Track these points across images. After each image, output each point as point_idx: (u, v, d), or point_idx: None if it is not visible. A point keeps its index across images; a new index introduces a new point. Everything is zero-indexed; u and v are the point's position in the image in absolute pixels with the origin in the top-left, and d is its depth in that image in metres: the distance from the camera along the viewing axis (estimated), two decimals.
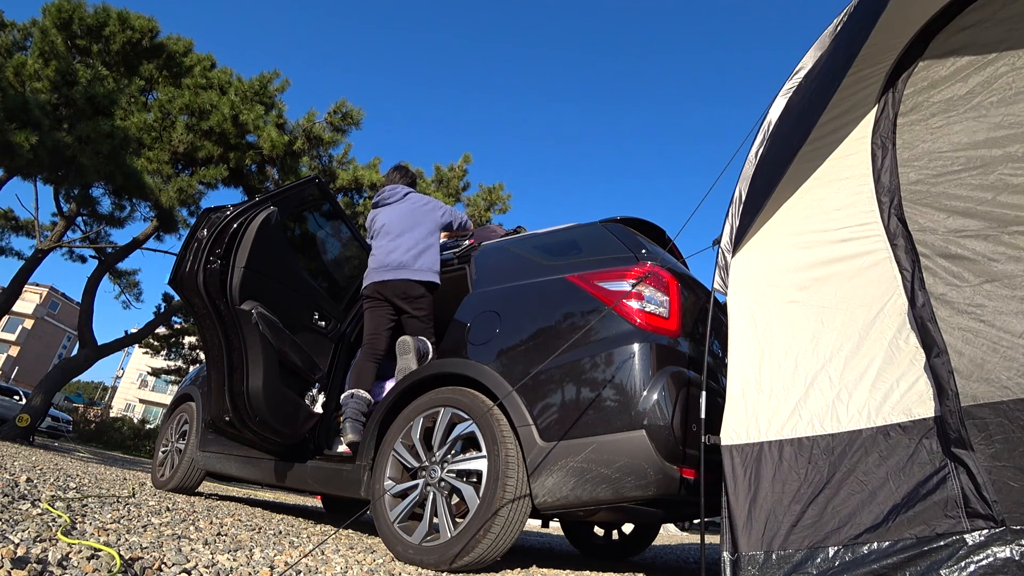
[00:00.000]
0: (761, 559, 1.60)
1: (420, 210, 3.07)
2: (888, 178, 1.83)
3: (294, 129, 9.08)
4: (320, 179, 3.50)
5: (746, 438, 1.77)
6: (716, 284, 2.04)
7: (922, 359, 1.61)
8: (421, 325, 2.89)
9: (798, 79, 2.03)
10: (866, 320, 1.73)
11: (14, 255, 9.80)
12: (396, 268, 2.90)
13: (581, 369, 2.09)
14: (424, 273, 2.90)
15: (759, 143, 2.06)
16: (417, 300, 2.90)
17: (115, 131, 6.75)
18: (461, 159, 11.15)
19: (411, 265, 2.89)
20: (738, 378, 1.85)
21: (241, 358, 2.77)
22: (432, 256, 2.97)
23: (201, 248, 2.73)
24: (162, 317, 10.93)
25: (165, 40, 8.54)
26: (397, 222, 3.03)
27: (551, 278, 2.43)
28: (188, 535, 1.98)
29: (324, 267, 3.73)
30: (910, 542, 1.46)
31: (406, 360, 2.66)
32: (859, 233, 1.82)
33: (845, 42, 1.79)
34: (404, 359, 2.67)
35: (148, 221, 9.18)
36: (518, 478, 2.03)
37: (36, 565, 1.26)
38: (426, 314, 2.91)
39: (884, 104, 1.90)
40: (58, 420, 16.62)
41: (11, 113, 5.88)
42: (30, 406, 8.25)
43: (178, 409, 4.13)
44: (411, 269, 2.89)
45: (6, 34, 8.14)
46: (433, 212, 3.09)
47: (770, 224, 1.97)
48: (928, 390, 1.58)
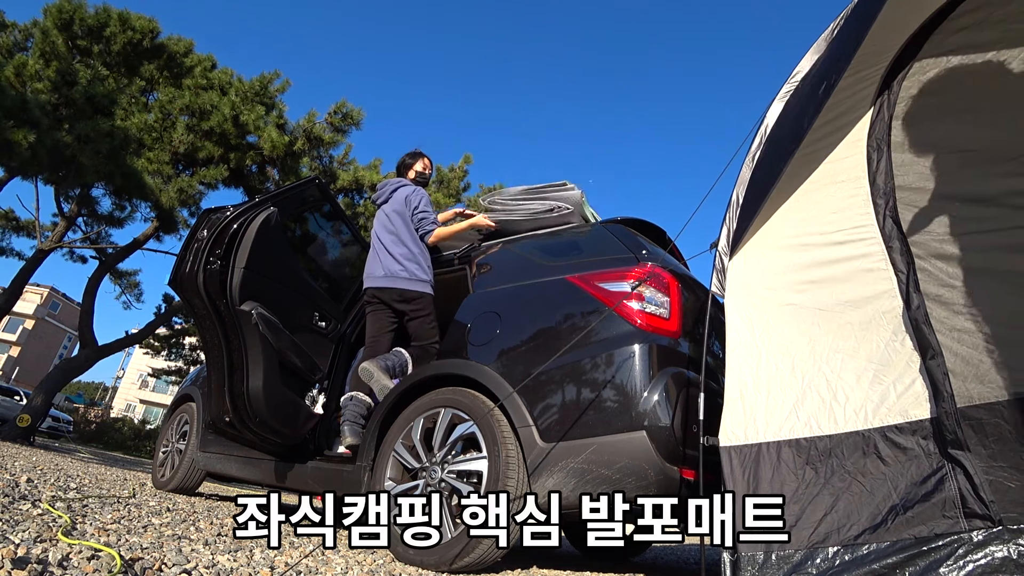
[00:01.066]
0: (761, 559, 1.60)
1: (402, 212, 3.01)
2: (883, 180, 1.83)
3: (295, 130, 9.09)
4: (320, 180, 3.50)
5: (744, 439, 1.77)
6: (714, 287, 2.05)
7: (918, 361, 1.61)
8: (423, 325, 2.89)
9: (795, 82, 2.03)
10: (862, 322, 1.73)
11: (15, 255, 9.82)
12: (388, 276, 2.91)
13: (582, 370, 2.10)
14: (413, 282, 2.89)
15: (756, 146, 2.06)
16: (414, 302, 2.89)
17: (115, 131, 6.76)
18: (462, 160, 11.16)
19: (400, 274, 2.89)
20: (736, 380, 1.86)
21: (241, 359, 2.77)
22: (419, 262, 2.94)
23: (201, 249, 2.73)
24: (162, 318, 10.94)
25: (166, 41, 8.55)
26: (387, 225, 3.02)
27: (552, 279, 2.43)
28: (188, 535, 1.99)
29: (324, 268, 3.74)
30: (909, 542, 1.46)
31: (376, 385, 2.64)
32: (855, 236, 1.83)
33: (841, 45, 1.80)
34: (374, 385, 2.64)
35: (148, 221, 9.19)
36: (518, 479, 2.04)
37: (36, 565, 1.26)
38: (426, 314, 2.90)
39: (880, 106, 1.90)
40: (59, 420, 16.63)
41: (10, 112, 5.88)
42: (31, 406, 8.27)
43: (178, 410, 4.14)
44: (400, 278, 2.89)
45: (7, 35, 8.16)
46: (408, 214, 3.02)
47: (767, 227, 1.97)
48: (924, 391, 1.58)
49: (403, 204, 3.03)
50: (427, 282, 2.93)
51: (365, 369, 2.66)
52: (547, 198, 3.04)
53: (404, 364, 2.77)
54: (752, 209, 1.95)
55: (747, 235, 1.98)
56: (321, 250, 3.74)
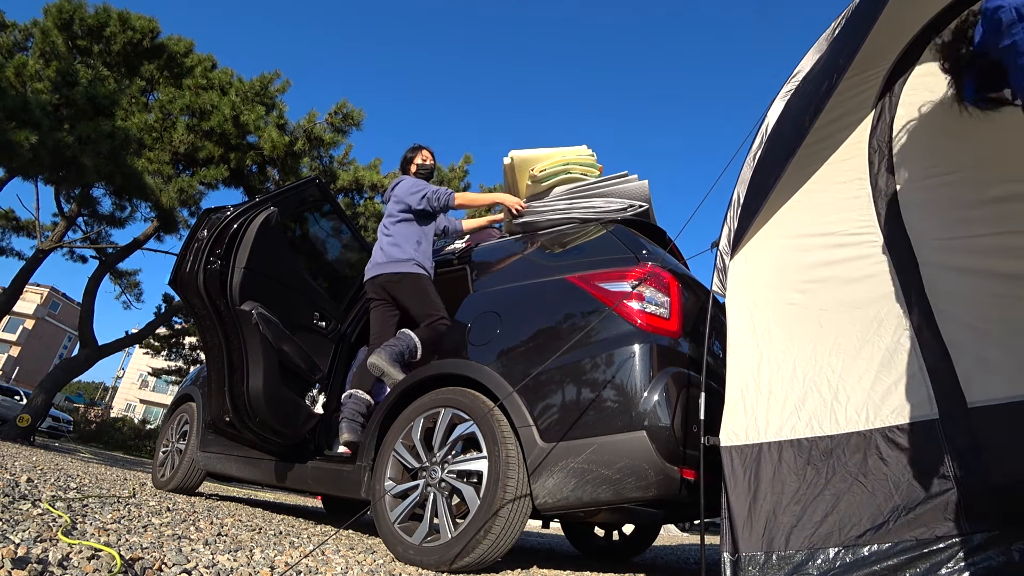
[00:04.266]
0: (761, 560, 1.60)
1: (390, 205, 3.11)
2: (885, 182, 1.83)
3: (295, 130, 9.09)
4: (320, 180, 3.50)
5: (745, 439, 1.77)
6: (715, 287, 2.05)
7: (920, 361, 1.61)
8: (418, 304, 2.84)
9: (796, 82, 2.03)
10: (864, 322, 1.73)
11: (15, 255, 9.82)
12: (373, 266, 2.99)
13: (582, 370, 2.09)
14: (393, 264, 2.90)
15: (757, 146, 2.06)
16: (400, 283, 2.88)
17: (116, 131, 6.76)
18: (462, 160, 11.16)
19: (380, 259, 2.95)
20: (737, 380, 1.86)
21: (241, 358, 2.77)
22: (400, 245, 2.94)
23: (201, 248, 2.73)
24: (162, 317, 10.94)
25: (166, 41, 8.55)
26: (383, 220, 3.11)
27: (552, 279, 2.43)
28: (188, 535, 1.98)
29: (324, 267, 3.74)
30: (910, 544, 1.46)
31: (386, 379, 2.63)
32: (857, 237, 1.82)
33: (842, 45, 1.79)
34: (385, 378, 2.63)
35: (149, 221, 9.19)
36: (518, 479, 2.04)
37: (36, 565, 1.26)
38: (418, 291, 2.86)
39: (881, 108, 1.90)
40: (59, 420, 16.65)
41: (11, 113, 5.88)
42: (31, 406, 8.26)
43: (179, 409, 4.14)
44: (381, 263, 2.94)
45: (7, 35, 8.15)
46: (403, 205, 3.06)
47: (768, 227, 1.97)
48: (927, 392, 1.58)
49: (392, 196, 3.10)
50: (410, 261, 2.91)
51: (373, 364, 2.62)
52: (610, 194, 2.90)
53: (412, 347, 2.71)
54: (753, 209, 1.95)
55: (748, 234, 1.98)
56: (321, 250, 3.74)
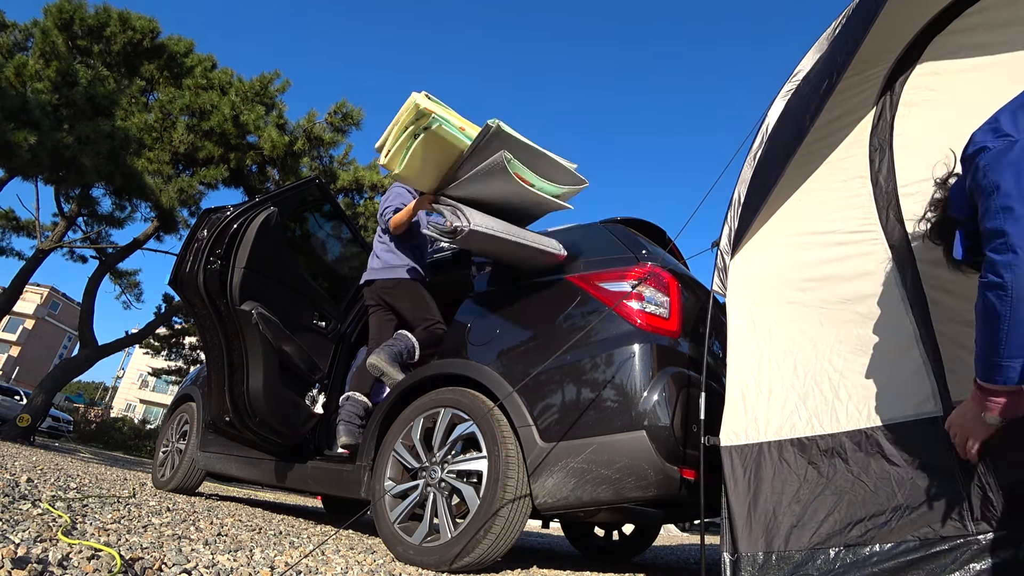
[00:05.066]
0: (761, 560, 1.59)
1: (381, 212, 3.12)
2: (885, 181, 1.82)
3: (295, 130, 9.09)
4: (320, 179, 3.51)
5: (745, 439, 1.77)
6: (715, 286, 2.04)
7: (922, 359, 1.61)
8: (412, 309, 2.87)
9: (797, 81, 2.03)
10: (865, 320, 1.73)
11: (15, 255, 9.82)
12: (368, 271, 3.03)
13: (581, 370, 2.09)
14: (385, 270, 2.94)
15: (758, 145, 2.06)
16: (394, 291, 2.91)
17: (115, 131, 6.76)
18: None
19: (374, 265, 3.00)
20: (737, 379, 1.85)
21: (241, 358, 2.77)
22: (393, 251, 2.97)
23: (201, 248, 2.73)
24: (162, 317, 10.94)
25: (166, 41, 8.55)
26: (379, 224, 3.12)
27: (552, 278, 2.43)
28: (188, 535, 1.98)
29: (324, 268, 3.74)
30: (913, 544, 1.45)
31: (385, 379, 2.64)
32: (858, 235, 1.82)
33: (843, 44, 1.79)
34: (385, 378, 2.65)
35: (148, 221, 9.20)
36: (518, 479, 2.03)
37: (36, 565, 1.26)
38: (411, 298, 2.89)
39: (882, 107, 1.89)
40: (59, 420, 16.64)
41: (11, 113, 5.88)
42: (31, 406, 8.26)
43: (179, 409, 4.14)
44: (374, 269, 2.99)
45: (7, 35, 8.15)
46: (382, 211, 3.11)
47: (768, 226, 1.97)
48: (930, 390, 1.57)
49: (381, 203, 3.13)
50: (400, 267, 2.93)
51: (372, 364, 2.64)
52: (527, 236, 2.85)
53: (411, 348, 2.75)
54: (754, 208, 1.94)
55: (749, 233, 1.98)
56: (321, 250, 3.74)
